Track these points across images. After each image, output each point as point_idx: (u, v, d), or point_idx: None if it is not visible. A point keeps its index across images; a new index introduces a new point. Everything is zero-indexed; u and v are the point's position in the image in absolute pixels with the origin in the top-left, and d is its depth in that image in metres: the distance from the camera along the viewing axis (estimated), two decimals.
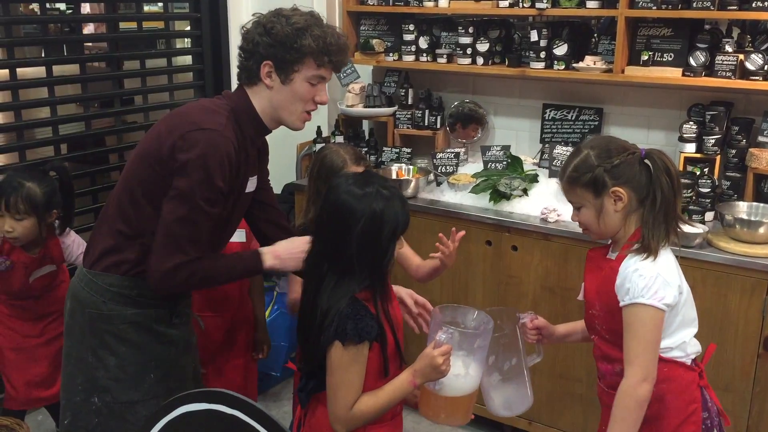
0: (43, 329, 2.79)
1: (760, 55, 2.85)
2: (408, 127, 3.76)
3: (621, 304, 1.86)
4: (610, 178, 1.86)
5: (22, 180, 2.60)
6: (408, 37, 3.63)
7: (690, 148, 3.09)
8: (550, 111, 3.54)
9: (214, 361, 2.75)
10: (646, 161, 1.87)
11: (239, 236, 2.72)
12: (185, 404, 1.09)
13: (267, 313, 3.09)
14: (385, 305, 1.85)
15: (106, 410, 1.99)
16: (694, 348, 1.96)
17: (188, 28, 4.24)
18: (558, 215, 3.00)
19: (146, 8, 4.13)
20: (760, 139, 3.00)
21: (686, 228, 2.70)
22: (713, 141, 3.02)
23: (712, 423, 1.96)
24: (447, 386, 1.85)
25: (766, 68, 2.85)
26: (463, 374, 1.87)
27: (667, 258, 1.88)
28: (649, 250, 1.85)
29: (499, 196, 3.15)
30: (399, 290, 2.23)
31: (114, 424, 1.99)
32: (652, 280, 1.81)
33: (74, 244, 2.82)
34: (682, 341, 1.92)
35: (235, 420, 1.04)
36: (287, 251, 2.03)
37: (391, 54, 3.70)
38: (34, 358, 2.78)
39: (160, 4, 4.23)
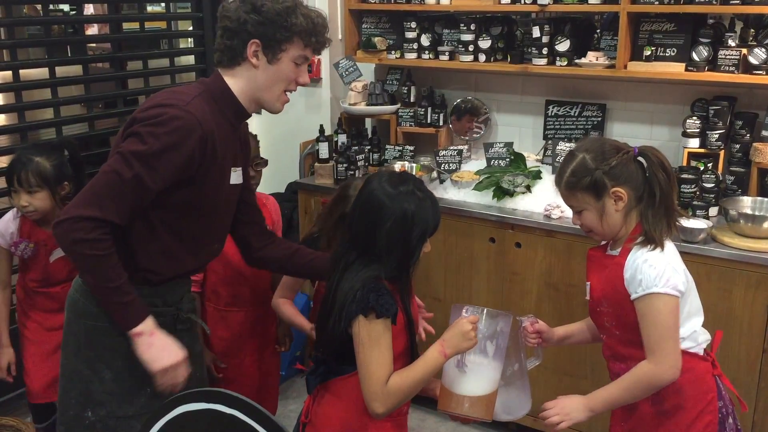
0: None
1: (763, 49, 2.83)
2: (411, 125, 3.76)
3: (633, 296, 1.87)
4: (609, 180, 1.89)
5: (31, 155, 2.67)
6: (410, 35, 3.62)
7: (693, 144, 3.08)
8: (553, 107, 3.53)
9: (237, 356, 2.76)
10: (640, 159, 1.90)
11: None
12: (184, 404, 1.09)
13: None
14: (407, 301, 1.88)
15: (100, 425, 1.94)
16: (704, 337, 1.99)
17: (191, 28, 4.25)
18: (561, 212, 2.99)
19: (149, 8, 4.14)
20: (764, 133, 2.98)
21: (690, 223, 2.71)
22: (717, 136, 3.01)
23: (727, 411, 1.99)
24: (471, 373, 1.87)
25: None
26: (486, 363, 1.89)
27: (670, 248, 1.92)
28: (654, 242, 1.88)
29: (502, 193, 3.15)
30: None
31: None
32: (662, 269, 1.85)
33: None
34: (693, 331, 1.95)
35: (234, 419, 1.04)
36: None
37: (393, 52, 3.70)
38: (53, 351, 2.79)
39: (163, 5, 4.23)
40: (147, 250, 1.90)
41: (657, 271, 1.84)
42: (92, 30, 5.12)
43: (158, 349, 1.83)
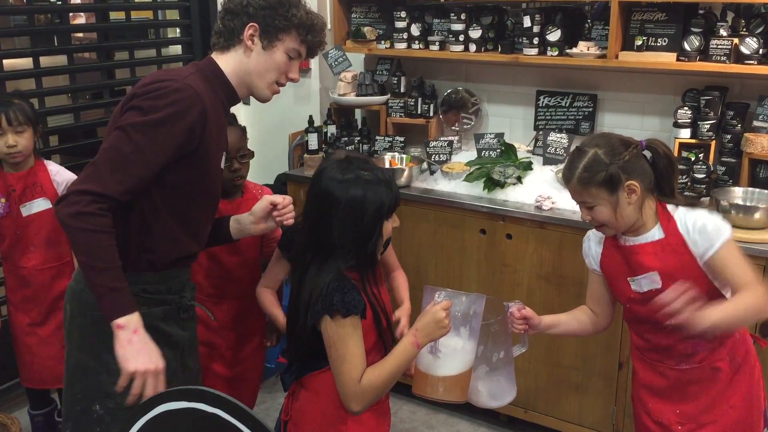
0: (50, 318, 2.86)
1: (754, 39, 2.82)
2: (401, 116, 3.73)
3: (711, 252, 1.90)
4: (623, 174, 1.93)
5: (9, 99, 2.78)
6: (400, 25, 3.59)
7: (685, 134, 3.06)
8: (544, 98, 3.51)
9: (216, 347, 2.73)
10: (647, 151, 1.97)
11: None
12: (165, 403, 1.06)
13: None
14: (372, 287, 1.86)
15: (108, 417, 1.91)
16: None
17: (178, 17, 4.20)
18: (552, 203, 2.98)
19: None
20: (755, 123, 2.98)
21: None
22: (708, 126, 3.00)
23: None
24: (446, 358, 1.86)
25: (760, 52, 2.83)
26: (460, 347, 1.89)
27: None
28: (688, 204, 1.99)
29: (493, 184, 3.13)
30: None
31: (117, 430, 1.90)
32: (712, 220, 1.93)
33: (61, 171, 2.91)
34: None
35: (216, 419, 1.01)
36: None
37: (382, 42, 3.66)
38: (45, 342, 2.86)
39: None
40: (149, 230, 1.88)
41: (713, 219, 1.92)
42: (79, 20, 5.06)
43: (136, 348, 1.74)
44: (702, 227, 1.92)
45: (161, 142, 1.77)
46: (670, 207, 1.99)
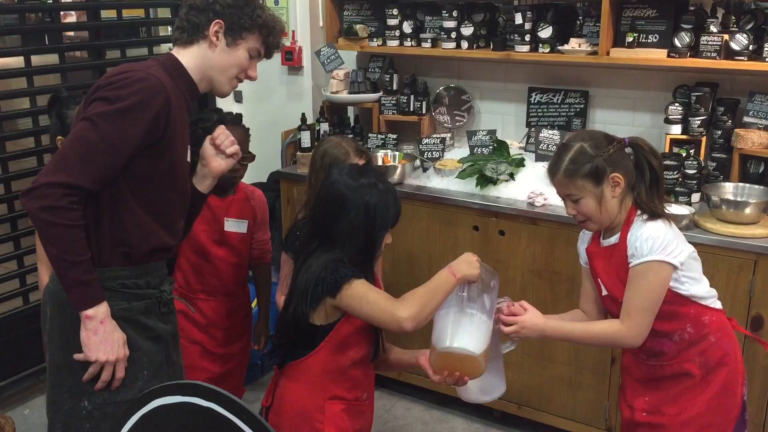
0: None
1: (744, 35, 2.84)
2: (393, 113, 3.74)
3: (632, 263, 1.96)
4: (608, 166, 1.97)
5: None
6: (392, 22, 3.59)
7: (676, 130, 3.08)
8: (536, 94, 3.52)
9: (206, 345, 2.73)
10: (629, 148, 2.03)
11: (239, 227, 2.69)
12: (160, 397, 1.06)
13: (254, 303, 3.06)
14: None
15: (98, 413, 1.92)
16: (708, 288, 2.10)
17: (169, 15, 4.19)
18: (545, 199, 2.99)
19: None
20: (746, 119, 3.00)
21: (673, 209, 2.73)
22: (699, 122, 3.02)
23: (741, 356, 2.14)
24: (471, 324, 1.90)
25: (750, 48, 2.84)
26: (485, 318, 1.92)
27: (670, 224, 2.02)
28: (653, 215, 1.98)
29: (485, 180, 3.14)
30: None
31: (107, 425, 1.92)
32: (661, 238, 1.94)
33: None
34: (710, 288, 2.07)
35: (211, 412, 1.02)
36: None
37: (375, 39, 3.67)
38: None
39: None
40: (121, 222, 1.89)
41: (655, 240, 1.94)
42: (70, 18, 5.04)
43: (100, 339, 1.83)
44: (636, 240, 1.95)
45: (128, 130, 1.80)
46: (637, 215, 2.00)
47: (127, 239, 1.90)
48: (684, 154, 3.01)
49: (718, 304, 2.09)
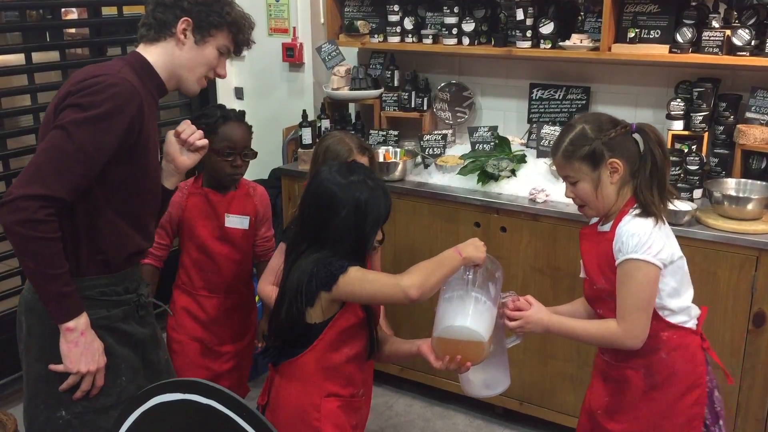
0: None
1: (746, 31, 2.83)
2: (394, 110, 3.73)
3: (616, 262, 1.91)
4: (607, 150, 1.93)
5: None
6: (393, 18, 3.58)
7: (678, 126, 3.07)
8: (537, 91, 3.51)
9: (207, 343, 2.72)
10: (637, 134, 1.97)
11: (241, 223, 2.69)
12: (160, 394, 1.06)
13: (256, 299, 3.06)
14: None
15: (76, 422, 1.90)
16: (696, 311, 2.04)
17: None
18: (546, 195, 2.98)
19: None
20: (748, 115, 2.99)
21: (675, 205, 2.71)
22: (701, 118, 3.01)
23: (713, 384, 2.04)
24: (476, 310, 1.88)
25: (753, 44, 2.83)
26: (490, 304, 1.91)
27: (664, 224, 1.96)
28: (648, 212, 1.92)
29: (487, 177, 3.13)
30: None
31: None
32: (646, 237, 1.88)
33: None
34: (688, 305, 2.00)
35: (211, 410, 1.01)
36: None
37: (376, 35, 3.66)
38: None
39: None
40: (97, 230, 1.86)
41: (640, 237, 1.88)
42: (71, 15, 5.04)
43: (81, 350, 1.81)
44: (622, 235, 1.91)
45: (102, 137, 1.76)
46: (633, 207, 1.95)
47: (104, 247, 1.88)
48: (686, 150, 3.00)
49: (690, 324, 2.00)
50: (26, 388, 1.96)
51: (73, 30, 5.02)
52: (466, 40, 3.42)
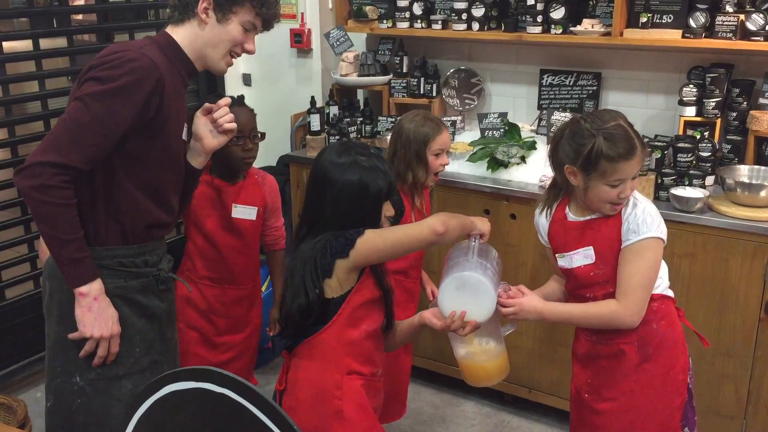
0: None
1: (761, 15, 2.79)
2: (403, 96, 3.71)
3: (626, 243, 1.96)
4: None
5: None
6: (402, 3, 3.55)
7: (690, 112, 3.04)
8: (548, 76, 3.48)
9: (205, 332, 2.72)
10: None
11: (249, 214, 2.68)
12: (173, 383, 1.06)
13: (264, 287, 3.05)
14: (379, 271, 1.90)
15: (89, 388, 1.95)
16: (665, 273, 2.10)
17: None
18: None
19: None
20: (761, 101, 2.95)
21: (687, 192, 2.72)
22: (713, 104, 2.98)
23: (684, 345, 2.12)
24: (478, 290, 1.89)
25: (767, 28, 2.80)
26: (492, 284, 1.91)
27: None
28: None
29: (496, 164, 3.11)
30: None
31: (99, 401, 1.95)
32: (656, 214, 1.99)
33: None
34: (665, 272, 2.08)
35: (225, 398, 1.01)
36: None
37: (384, 21, 3.63)
38: None
39: None
40: (113, 199, 1.90)
41: (653, 216, 1.97)
42: (78, 1, 5.02)
43: (94, 315, 1.86)
44: (648, 214, 1.97)
45: (119, 110, 1.80)
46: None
47: (121, 217, 1.92)
48: (698, 137, 2.97)
49: (669, 293, 2.09)
50: (47, 348, 2.02)
51: (80, 16, 5.00)
52: (475, 26, 3.39)
